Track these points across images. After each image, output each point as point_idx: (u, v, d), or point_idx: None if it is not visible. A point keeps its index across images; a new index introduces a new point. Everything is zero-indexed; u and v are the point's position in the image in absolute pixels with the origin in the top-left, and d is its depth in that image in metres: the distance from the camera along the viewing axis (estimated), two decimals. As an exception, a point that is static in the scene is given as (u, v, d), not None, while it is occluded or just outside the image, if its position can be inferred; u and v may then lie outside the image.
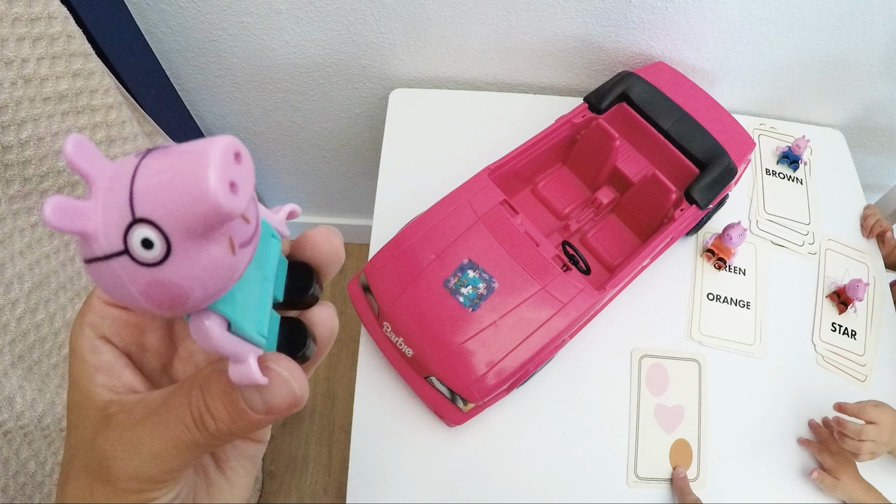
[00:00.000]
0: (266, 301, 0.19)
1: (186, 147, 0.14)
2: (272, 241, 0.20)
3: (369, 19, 0.79)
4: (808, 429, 0.70)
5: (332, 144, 1.06)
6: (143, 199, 0.14)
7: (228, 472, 0.23)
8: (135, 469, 0.18)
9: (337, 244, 0.22)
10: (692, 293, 0.76)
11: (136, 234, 0.14)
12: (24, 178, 0.61)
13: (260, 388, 0.18)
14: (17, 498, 0.58)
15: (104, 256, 0.14)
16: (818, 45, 0.81)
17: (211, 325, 0.16)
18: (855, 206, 0.88)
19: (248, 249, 0.16)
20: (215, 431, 0.18)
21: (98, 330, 0.20)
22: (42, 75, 0.60)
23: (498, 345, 0.58)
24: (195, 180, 0.14)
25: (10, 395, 0.56)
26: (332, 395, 1.26)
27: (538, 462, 0.65)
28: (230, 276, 0.16)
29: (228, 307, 0.17)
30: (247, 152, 0.15)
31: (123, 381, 0.20)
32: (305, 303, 0.22)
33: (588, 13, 0.78)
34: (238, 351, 0.17)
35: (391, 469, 0.63)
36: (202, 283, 0.15)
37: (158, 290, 0.15)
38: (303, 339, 0.21)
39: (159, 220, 0.14)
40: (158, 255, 0.14)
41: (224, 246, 0.15)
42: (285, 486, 1.17)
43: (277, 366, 0.18)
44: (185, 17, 0.78)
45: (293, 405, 0.19)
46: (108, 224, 0.14)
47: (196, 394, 0.18)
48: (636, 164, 0.75)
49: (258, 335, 0.18)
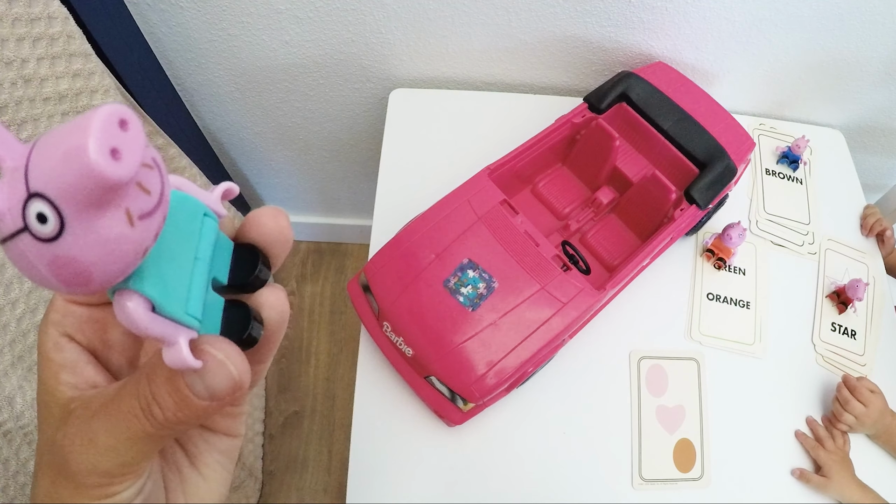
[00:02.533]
0: (200, 282, 0.19)
1: (76, 118, 0.14)
2: (206, 221, 0.19)
3: (369, 19, 0.79)
4: (806, 427, 0.70)
5: (332, 144, 1.07)
6: (35, 172, 0.14)
7: (202, 467, 0.22)
8: (92, 463, 0.18)
9: (283, 224, 0.21)
10: (692, 293, 0.76)
11: (31, 209, 0.14)
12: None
13: (200, 373, 0.18)
14: (17, 498, 0.58)
15: (10, 235, 0.14)
16: (818, 45, 0.81)
17: (134, 305, 0.16)
18: (855, 206, 0.88)
19: (151, 221, 0.16)
20: (164, 420, 0.18)
21: (61, 328, 0.20)
22: (42, 75, 0.60)
23: (498, 344, 0.58)
24: (76, 149, 0.14)
25: (10, 395, 0.56)
26: (332, 395, 1.26)
27: (538, 462, 0.65)
28: (133, 249, 0.15)
29: (150, 286, 0.16)
30: (136, 119, 0.15)
31: (86, 378, 0.20)
32: (253, 286, 0.21)
33: (588, 13, 0.78)
34: (166, 333, 0.17)
35: (391, 469, 0.63)
36: (103, 257, 0.15)
37: (62, 267, 0.15)
38: (246, 322, 0.20)
39: (49, 192, 0.14)
40: (53, 229, 0.14)
41: (119, 217, 0.15)
42: (285, 486, 1.17)
43: (212, 348, 0.18)
44: (185, 17, 0.78)
45: (234, 388, 0.18)
46: (12, 203, 0.14)
47: (143, 382, 0.18)
48: (636, 164, 0.75)
49: (189, 317, 0.18)
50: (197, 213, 0.19)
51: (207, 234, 0.19)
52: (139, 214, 0.15)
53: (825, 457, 0.66)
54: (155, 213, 0.16)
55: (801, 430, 0.70)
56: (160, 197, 0.16)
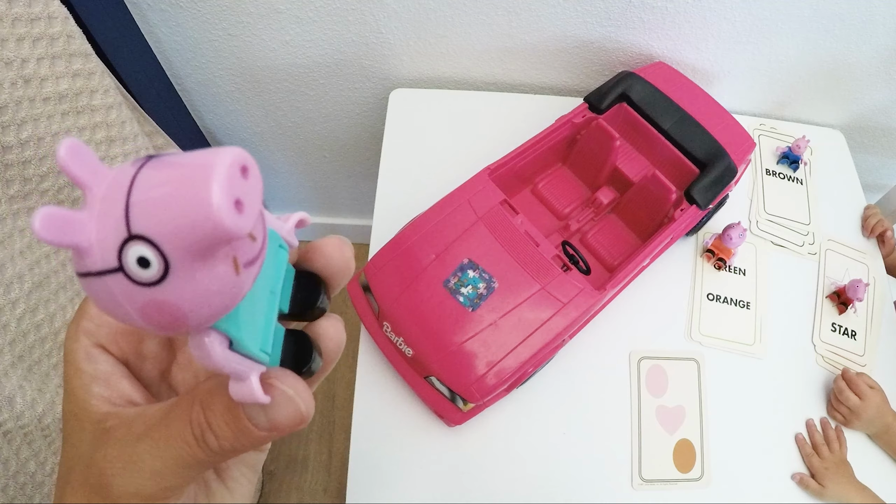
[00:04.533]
0: (271, 315, 0.18)
1: (189, 158, 0.13)
2: (280, 252, 0.19)
3: (369, 19, 0.79)
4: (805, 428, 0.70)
5: (332, 144, 1.06)
6: (140, 213, 0.13)
7: (229, 481, 0.22)
8: (135, 487, 0.18)
9: (348, 255, 0.21)
10: (692, 293, 0.76)
11: (132, 252, 0.13)
12: (24, 178, 0.61)
13: (264, 406, 0.17)
14: (17, 498, 0.58)
15: (98, 272, 0.13)
16: (818, 45, 0.81)
17: (212, 342, 0.15)
18: (855, 206, 0.88)
19: (253, 268, 0.15)
20: (217, 448, 0.18)
21: (94, 338, 0.20)
22: (42, 75, 0.60)
23: (498, 345, 0.58)
24: (197, 197, 0.12)
25: (10, 395, 0.56)
26: (332, 395, 1.26)
27: (538, 462, 0.65)
28: (234, 296, 0.15)
29: (231, 325, 0.16)
30: (255, 165, 0.14)
31: (121, 392, 0.20)
32: (312, 315, 0.20)
33: (588, 13, 0.78)
34: (240, 369, 0.16)
35: (391, 469, 0.63)
36: (203, 304, 0.14)
37: (156, 311, 0.14)
38: (308, 354, 0.19)
39: (157, 238, 0.13)
40: (155, 274, 0.13)
41: (228, 266, 0.14)
42: (285, 486, 1.17)
43: (282, 383, 0.18)
44: (185, 17, 0.78)
45: (298, 423, 0.18)
46: (103, 238, 0.13)
47: (197, 410, 0.18)
48: (636, 164, 0.75)
49: (261, 352, 0.17)
50: (273, 246, 0.18)
51: (280, 266, 0.19)
52: (245, 262, 0.15)
53: (819, 465, 0.66)
54: (257, 260, 0.15)
55: (801, 432, 0.70)
56: (262, 242, 0.15)
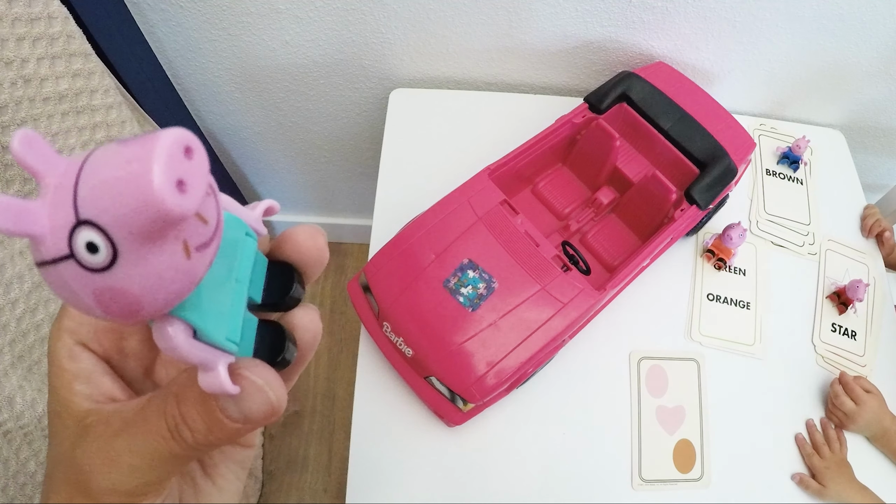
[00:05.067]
0: (239, 304, 0.18)
1: (134, 141, 0.13)
2: (247, 240, 0.19)
3: (369, 19, 0.79)
4: (805, 429, 0.70)
5: (332, 144, 1.06)
6: (87, 198, 0.13)
7: (217, 478, 0.22)
8: (113, 483, 0.18)
9: (321, 244, 0.21)
10: (692, 293, 0.76)
11: (81, 238, 0.13)
12: (25, 178, 0.61)
13: (236, 398, 0.17)
14: (17, 498, 0.58)
15: (52, 260, 0.13)
16: (818, 44, 0.81)
17: (174, 332, 0.15)
18: (855, 206, 0.88)
19: (207, 251, 0.15)
20: (193, 442, 0.18)
21: (76, 336, 0.20)
22: (42, 75, 0.60)
23: (498, 345, 0.58)
24: (138, 179, 0.12)
25: (10, 395, 0.56)
26: (332, 395, 1.26)
27: (538, 462, 0.65)
28: (187, 281, 0.15)
29: (193, 313, 0.16)
30: (199, 145, 0.14)
31: (103, 390, 0.19)
32: (286, 305, 0.20)
33: (588, 13, 0.78)
34: (206, 359, 0.16)
35: (391, 469, 0.63)
36: (155, 289, 0.14)
37: (109, 298, 0.14)
38: (281, 344, 0.19)
39: (103, 222, 0.13)
40: (104, 259, 0.13)
41: (177, 249, 0.14)
42: (285, 486, 1.17)
43: (251, 373, 0.17)
44: (185, 17, 0.78)
45: (270, 414, 0.18)
46: (55, 226, 0.13)
47: (171, 403, 0.18)
48: (636, 164, 0.75)
49: (228, 342, 0.17)
50: (238, 233, 0.18)
51: (247, 255, 0.19)
52: (196, 246, 0.14)
53: (820, 465, 0.66)
54: (211, 244, 0.15)
55: (801, 432, 0.70)
56: (216, 226, 0.15)
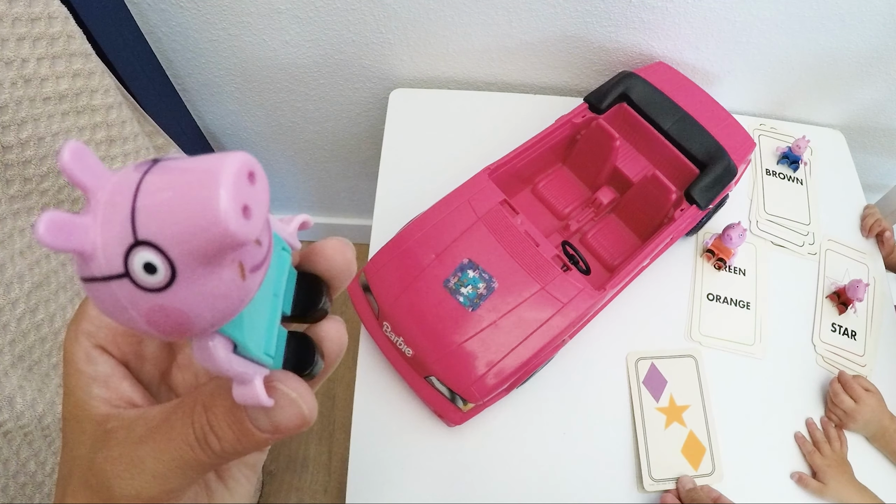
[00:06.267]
0: (274, 318, 0.18)
1: (196, 163, 0.13)
2: (283, 255, 0.19)
3: (369, 19, 0.79)
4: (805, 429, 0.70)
5: (332, 144, 1.07)
6: (146, 219, 0.13)
7: (229, 481, 0.22)
8: (137, 489, 0.18)
9: (350, 257, 0.21)
10: (692, 293, 0.76)
11: (138, 258, 0.13)
12: (25, 178, 0.61)
13: (267, 409, 0.17)
14: (17, 498, 0.58)
15: (102, 278, 0.13)
16: (818, 44, 0.81)
17: (216, 346, 0.15)
18: (855, 206, 0.88)
19: (259, 273, 0.15)
20: (220, 451, 0.18)
21: (94, 339, 0.20)
22: (42, 75, 0.60)
23: (498, 345, 0.58)
24: (204, 203, 0.12)
25: (10, 395, 0.56)
26: (332, 395, 1.26)
27: (538, 462, 0.65)
28: (239, 301, 0.15)
29: (235, 329, 0.16)
30: (261, 171, 0.14)
31: (121, 394, 0.19)
32: (314, 317, 0.20)
33: (588, 13, 0.78)
34: (244, 373, 0.16)
35: (391, 469, 0.63)
36: (209, 310, 0.14)
37: (162, 316, 0.14)
38: (310, 356, 0.19)
39: (163, 243, 0.13)
40: (162, 280, 0.13)
41: (234, 271, 0.14)
42: (285, 486, 1.17)
43: (285, 386, 0.18)
44: (185, 17, 0.78)
45: (301, 425, 0.18)
46: (108, 244, 0.13)
47: (199, 412, 0.18)
48: (636, 164, 0.75)
49: (265, 356, 0.17)
50: (276, 248, 0.18)
51: (282, 268, 0.19)
52: (251, 267, 0.15)
53: (821, 462, 0.66)
54: (263, 265, 0.15)
55: (801, 432, 0.70)
56: (268, 248, 0.15)
